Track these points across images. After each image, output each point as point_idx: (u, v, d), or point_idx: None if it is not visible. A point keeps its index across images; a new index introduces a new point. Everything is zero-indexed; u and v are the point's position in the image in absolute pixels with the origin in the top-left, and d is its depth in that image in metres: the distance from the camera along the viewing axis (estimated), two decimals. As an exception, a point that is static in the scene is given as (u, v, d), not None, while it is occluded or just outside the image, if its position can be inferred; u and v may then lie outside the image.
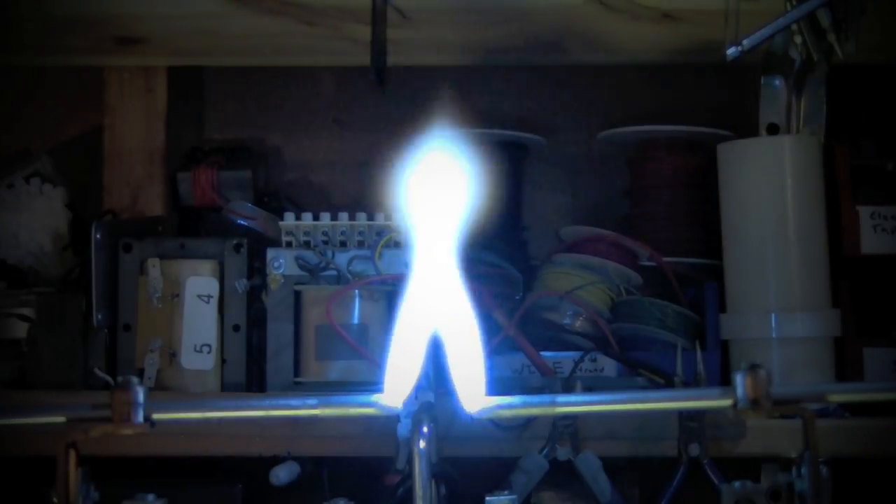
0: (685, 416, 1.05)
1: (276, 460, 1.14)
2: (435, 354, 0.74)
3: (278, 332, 1.19)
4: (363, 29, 1.23)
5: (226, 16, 1.26)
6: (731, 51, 1.14)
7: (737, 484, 0.95)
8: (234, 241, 1.22)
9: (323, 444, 1.14)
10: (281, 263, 1.19)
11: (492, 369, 0.74)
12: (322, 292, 1.18)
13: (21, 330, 1.25)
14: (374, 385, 0.77)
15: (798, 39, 1.18)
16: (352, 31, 1.30)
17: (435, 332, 0.72)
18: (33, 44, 1.37)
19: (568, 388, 1.09)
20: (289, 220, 1.21)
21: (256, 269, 1.22)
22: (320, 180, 1.50)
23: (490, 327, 1.20)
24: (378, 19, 1.18)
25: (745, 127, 1.39)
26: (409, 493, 0.88)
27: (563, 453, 1.05)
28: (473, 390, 0.72)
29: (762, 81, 1.24)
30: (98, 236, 1.20)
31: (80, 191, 1.43)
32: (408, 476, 0.99)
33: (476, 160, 1.33)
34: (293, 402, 0.77)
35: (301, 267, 1.19)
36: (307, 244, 1.19)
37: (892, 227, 1.24)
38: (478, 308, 0.73)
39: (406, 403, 0.74)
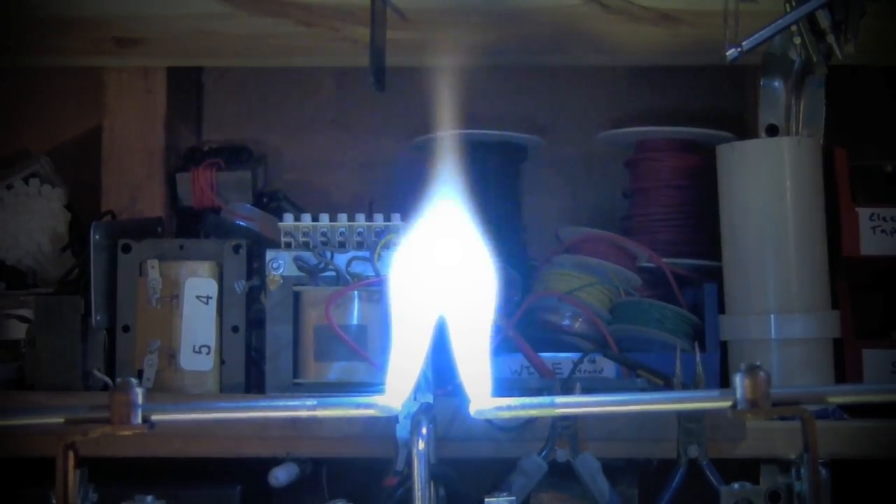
0: (684, 417, 1.05)
1: (275, 461, 1.14)
2: (438, 352, 0.73)
3: (277, 333, 1.19)
4: (362, 30, 1.23)
5: (225, 17, 1.26)
6: (730, 52, 1.13)
7: (736, 485, 0.95)
8: (233, 242, 1.22)
9: (322, 446, 1.14)
10: (280, 264, 1.19)
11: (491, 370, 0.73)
12: (321, 293, 1.18)
13: (20, 331, 1.25)
14: (373, 386, 0.77)
15: (797, 41, 1.18)
16: (351, 32, 1.30)
17: (440, 330, 0.72)
18: (32, 45, 1.36)
19: (567, 389, 1.09)
20: (288, 220, 1.20)
21: (255, 270, 1.22)
22: (319, 181, 1.50)
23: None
24: (377, 20, 1.18)
25: (745, 128, 1.39)
26: (409, 494, 0.88)
27: (562, 455, 1.05)
28: (481, 389, 0.72)
29: (761, 83, 1.24)
30: (97, 237, 1.20)
31: (79, 192, 1.43)
32: (407, 477, 0.98)
33: (475, 161, 1.34)
34: (292, 403, 0.77)
35: (300, 268, 1.19)
36: (306, 245, 1.19)
37: (892, 228, 1.24)
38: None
39: (405, 404, 0.74)
